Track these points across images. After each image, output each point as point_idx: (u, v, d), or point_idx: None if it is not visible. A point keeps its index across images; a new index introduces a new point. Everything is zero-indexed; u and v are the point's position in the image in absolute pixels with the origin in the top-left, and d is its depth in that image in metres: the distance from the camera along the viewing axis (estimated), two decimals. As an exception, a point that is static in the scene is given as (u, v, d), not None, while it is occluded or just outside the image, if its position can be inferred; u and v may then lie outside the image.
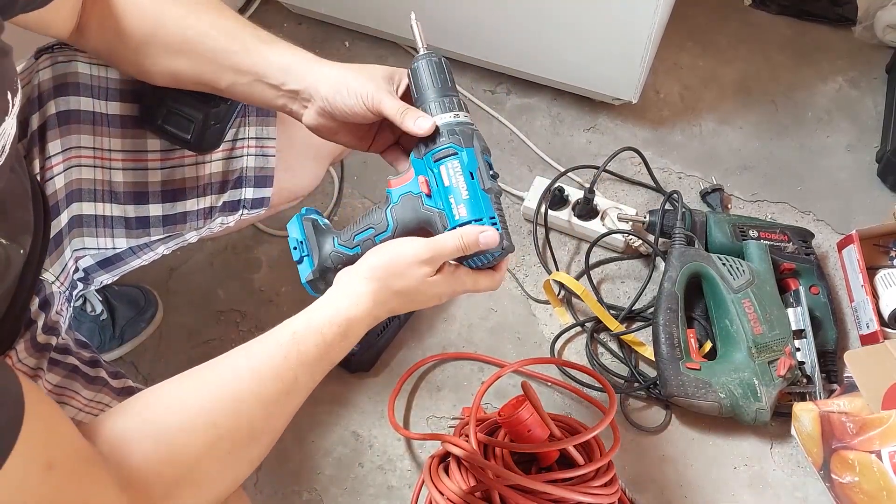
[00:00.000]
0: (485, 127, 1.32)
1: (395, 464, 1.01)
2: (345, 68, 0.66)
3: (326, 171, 1.00)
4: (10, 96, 0.52)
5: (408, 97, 0.66)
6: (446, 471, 0.88)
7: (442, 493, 0.85)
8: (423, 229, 0.66)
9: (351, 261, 0.65)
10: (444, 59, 0.66)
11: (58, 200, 0.72)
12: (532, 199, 1.19)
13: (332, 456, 1.02)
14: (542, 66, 1.28)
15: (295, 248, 0.69)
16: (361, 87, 0.64)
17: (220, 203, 0.83)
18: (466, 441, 0.87)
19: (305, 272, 0.68)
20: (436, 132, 0.64)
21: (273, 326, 0.60)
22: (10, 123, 0.53)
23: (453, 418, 1.04)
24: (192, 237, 0.85)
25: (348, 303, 0.60)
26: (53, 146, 0.72)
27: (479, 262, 0.65)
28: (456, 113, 0.65)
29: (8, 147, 0.54)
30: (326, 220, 0.71)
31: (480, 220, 0.63)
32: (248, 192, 0.84)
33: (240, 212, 0.85)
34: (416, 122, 0.63)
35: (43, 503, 0.43)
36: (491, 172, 0.65)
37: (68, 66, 0.73)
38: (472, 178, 0.63)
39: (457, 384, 1.07)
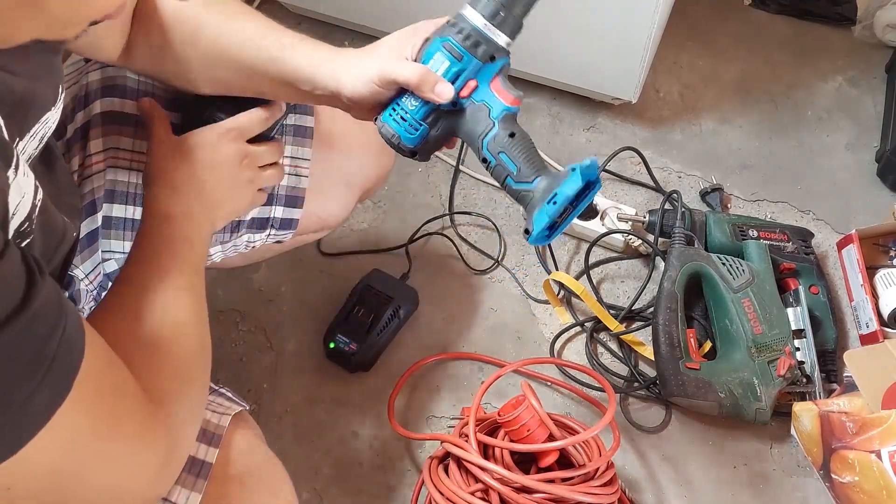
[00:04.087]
0: (484, 127, 1.31)
1: (395, 464, 1.01)
2: (357, 55, 0.66)
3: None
4: (61, 89, 0.56)
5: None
6: (446, 471, 0.88)
7: (442, 493, 0.85)
8: None
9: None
10: None
11: (95, 199, 0.74)
12: (532, 198, 1.19)
13: (332, 456, 1.02)
14: (541, 65, 1.28)
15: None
16: (368, 70, 0.64)
17: (248, 217, 0.82)
18: (466, 441, 0.87)
19: None
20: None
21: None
22: (55, 116, 0.56)
23: (453, 418, 1.04)
24: (216, 253, 0.84)
25: (151, 207, 0.66)
26: (95, 144, 0.74)
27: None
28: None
29: (46, 137, 0.56)
30: None
31: None
32: (278, 211, 0.84)
33: (267, 231, 0.84)
34: (435, 90, 0.63)
35: (115, 390, 0.49)
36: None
37: (117, 70, 0.75)
38: None
39: (457, 384, 1.07)
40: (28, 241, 0.50)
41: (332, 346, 1.06)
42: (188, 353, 0.59)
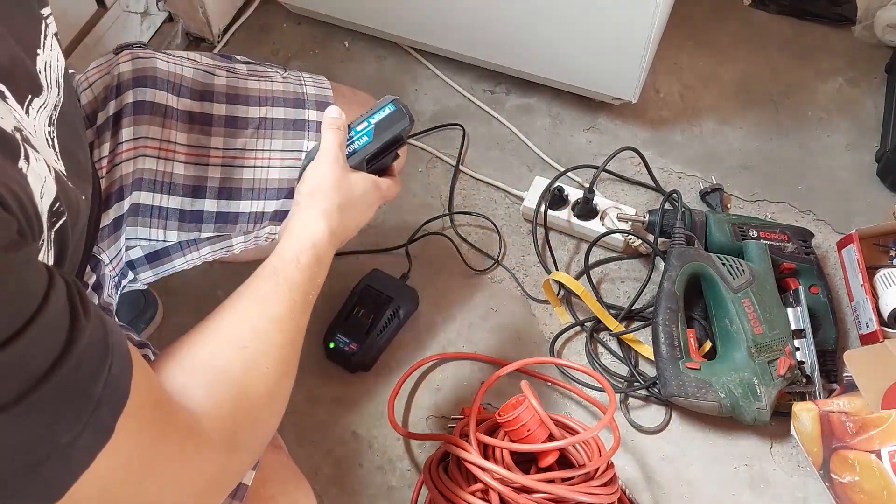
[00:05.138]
0: (484, 127, 1.32)
1: (395, 464, 1.01)
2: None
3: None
4: (43, 26, 0.52)
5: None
6: (446, 471, 0.89)
7: (442, 493, 0.85)
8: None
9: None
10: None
11: (123, 185, 0.75)
12: (532, 198, 1.19)
13: (332, 456, 1.02)
14: (541, 65, 1.28)
15: None
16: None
17: (271, 209, 0.83)
18: (466, 441, 0.87)
19: None
20: None
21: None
22: (53, 55, 0.54)
23: (453, 418, 1.04)
24: (238, 244, 0.85)
25: (307, 232, 0.65)
26: (126, 132, 0.75)
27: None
28: None
29: (61, 78, 0.55)
30: None
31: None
32: None
33: None
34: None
35: (156, 432, 0.46)
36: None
37: (148, 61, 0.77)
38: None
39: (457, 384, 1.07)
40: (63, 220, 0.48)
41: (332, 346, 1.06)
42: (264, 391, 0.56)
